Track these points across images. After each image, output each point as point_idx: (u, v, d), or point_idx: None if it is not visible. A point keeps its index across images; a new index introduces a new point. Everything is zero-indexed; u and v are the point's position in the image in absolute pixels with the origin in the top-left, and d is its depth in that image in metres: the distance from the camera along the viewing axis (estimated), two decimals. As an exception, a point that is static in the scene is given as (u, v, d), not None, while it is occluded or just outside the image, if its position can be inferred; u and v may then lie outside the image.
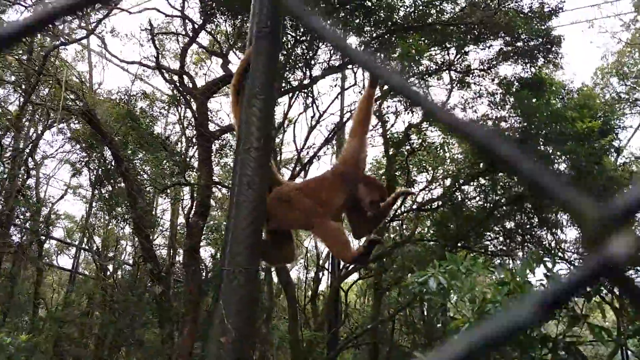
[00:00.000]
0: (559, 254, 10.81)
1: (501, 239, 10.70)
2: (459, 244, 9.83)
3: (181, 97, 8.19)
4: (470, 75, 9.66)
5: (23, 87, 8.72)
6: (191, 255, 7.48)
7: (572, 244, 11.48)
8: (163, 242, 12.98)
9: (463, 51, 9.25)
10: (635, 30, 13.20)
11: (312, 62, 8.33)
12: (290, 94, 9.15)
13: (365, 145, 2.79)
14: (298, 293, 12.88)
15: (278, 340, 12.02)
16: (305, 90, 9.04)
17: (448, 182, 10.49)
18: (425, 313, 12.41)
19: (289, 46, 8.11)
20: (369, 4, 7.89)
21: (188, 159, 9.54)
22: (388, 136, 10.45)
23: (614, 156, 11.05)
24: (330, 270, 12.21)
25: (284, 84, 8.44)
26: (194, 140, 8.45)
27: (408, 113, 9.69)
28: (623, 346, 10.85)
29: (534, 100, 9.16)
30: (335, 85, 9.89)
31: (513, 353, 4.23)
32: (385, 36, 8.35)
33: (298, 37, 7.96)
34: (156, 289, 8.45)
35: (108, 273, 11.94)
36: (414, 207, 10.47)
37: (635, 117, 12.92)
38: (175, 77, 7.95)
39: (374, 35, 8.35)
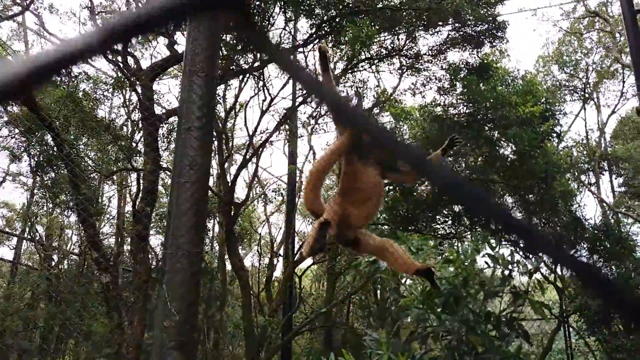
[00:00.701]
0: (504, 235, 11.18)
1: (450, 222, 10.97)
2: (410, 228, 10.01)
3: (125, 79, 7.90)
4: (420, 61, 9.77)
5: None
6: (139, 243, 7.28)
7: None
8: (110, 230, 12.61)
9: (412, 37, 9.34)
10: (574, 20, 13.73)
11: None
12: (241, 77, 9.00)
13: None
14: (252, 280, 12.82)
15: (232, 328, 11.95)
16: (256, 74, 8.91)
17: (399, 166, 10.63)
18: (379, 295, 12.63)
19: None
20: (319, -14, 7.83)
21: (134, 144, 9.25)
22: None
23: (556, 141, 11.50)
24: (284, 256, 12.21)
25: (234, 67, 8.29)
26: (140, 124, 8.19)
27: (359, 97, 9.72)
28: (565, 323, 11.43)
29: (480, 85, 9.39)
30: (286, 69, 9.77)
31: (460, 329, 4.35)
32: (336, 19, 8.31)
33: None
34: (103, 279, 8.20)
35: (53, 263, 11.50)
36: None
37: (575, 104, 13.49)
38: (120, 58, 7.65)
39: (325, 18, 8.29)
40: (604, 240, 10.06)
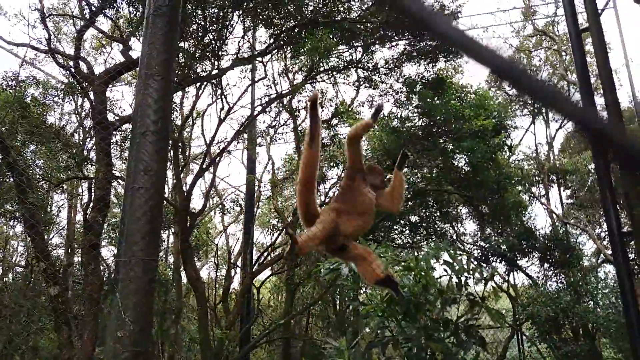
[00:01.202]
0: (459, 245, 11.44)
1: (407, 232, 11.12)
2: (368, 237, 10.08)
3: (78, 85, 7.64)
4: (377, 74, 9.93)
5: None
6: (90, 253, 7.01)
7: (471, 236, 12.19)
8: (60, 241, 12.11)
9: (369, 50, 9.49)
10: (524, 37, 14.30)
11: (221, 52, 8.13)
12: (198, 85, 8.88)
13: (360, 150, 3.20)
14: (208, 292, 12.56)
15: (187, 341, 11.66)
16: (214, 81, 8.82)
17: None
18: (338, 305, 12.62)
19: (197, 35, 7.86)
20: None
21: (86, 151, 8.94)
22: (299, 131, 10.48)
23: (507, 154, 11.89)
24: (242, 268, 12.04)
25: (191, 74, 8.17)
26: (92, 131, 7.93)
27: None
28: (518, 330, 11.74)
29: (435, 99, 9.62)
30: (244, 77, 9.73)
31: (420, 336, 4.38)
32: (295, 30, 8.35)
33: (206, 26, 7.74)
34: (52, 291, 7.84)
35: (-4, 277, 10.93)
36: (326, 201, 10.59)
37: (525, 119, 14.01)
38: (72, 63, 7.40)
39: (284, 28, 8.32)
40: (554, 250, 10.42)
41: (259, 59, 9.22)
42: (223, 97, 9.27)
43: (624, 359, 10.49)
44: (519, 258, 10.97)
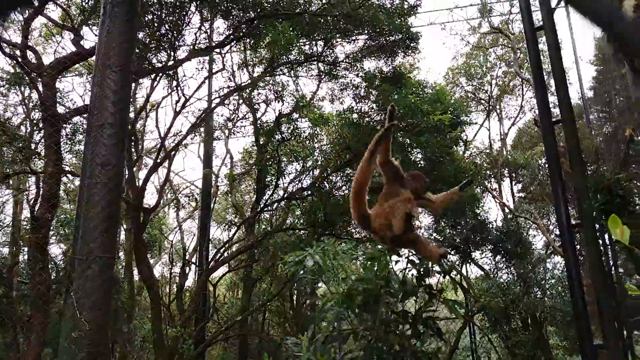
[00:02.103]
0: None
1: (365, 226, 11.20)
2: (327, 232, 10.10)
3: (25, 75, 7.25)
4: (337, 68, 9.93)
5: None
6: (38, 251, 6.69)
7: (426, 229, 12.42)
8: (4, 239, 11.50)
9: (330, 43, 9.47)
10: (481, 35, 14.68)
11: (177, 43, 7.91)
12: (154, 76, 8.61)
13: (395, 163, 3.68)
14: (162, 290, 12.27)
15: (140, 340, 11.35)
16: (170, 73, 8.57)
17: (317, 172, 10.72)
18: (295, 302, 12.60)
19: (153, 25, 7.61)
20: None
21: (33, 145, 8.51)
22: (259, 125, 10.36)
23: (462, 148, 12.18)
24: (197, 265, 11.82)
25: (146, 65, 7.90)
26: (41, 123, 7.55)
27: (278, 102, 9.69)
28: (470, 321, 12.08)
29: (394, 94, 9.72)
30: (202, 69, 9.51)
31: (379, 329, 4.41)
32: (255, 22, 8.22)
33: (162, 16, 7.50)
34: (-5, 292, 7.47)
35: None
36: (285, 196, 10.53)
37: (480, 115, 14.39)
38: (19, 52, 7.01)
39: (243, 20, 8.17)
40: (506, 242, 10.77)
41: (217, 50, 9.03)
42: (179, 89, 9.04)
43: (569, 346, 11.00)
44: (472, 250, 11.28)
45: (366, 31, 9.31)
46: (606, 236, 8.47)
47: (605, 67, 10.85)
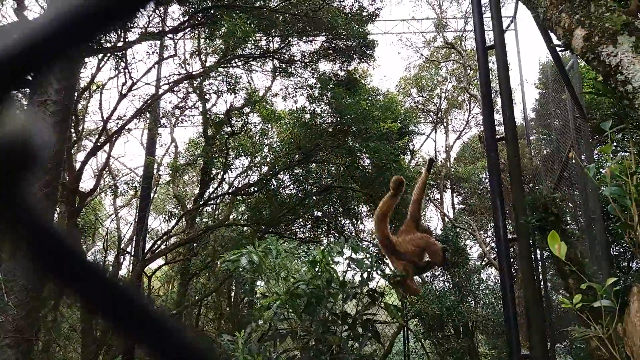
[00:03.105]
0: (357, 242, 11.77)
1: (309, 226, 11.22)
2: (271, 230, 10.03)
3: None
4: (292, 66, 9.89)
5: None
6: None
7: (369, 234, 12.60)
8: None
9: (287, 41, 9.42)
10: (434, 49, 15.07)
11: (129, 24, 7.60)
12: (101, 56, 8.24)
13: (421, 206, 5.00)
14: (94, 278, 11.75)
15: (67, 329, 10.83)
16: (118, 54, 8.23)
17: (265, 169, 10.62)
18: (233, 298, 12.43)
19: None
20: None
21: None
22: (208, 115, 10.14)
23: (409, 157, 12.43)
24: (133, 254, 11.43)
25: (93, 44, 7.55)
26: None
27: (230, 94, 9.52)
28: (405, 326, 12.34)
29: (347, 98, 9.80)
30: (153, 53, 9.18)
31: (318, 329, 4.41)
32: (211, 11, 8.04)
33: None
34: None
35: None
36: (230, 191, 10.36)
37: (428, 126, 14.76)
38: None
39: (199, 7, 7.98)
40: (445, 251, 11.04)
41: (170, 36, 8.76)
42: (127, 71, 8.69)
43: (496, 355, 11.45)
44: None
45: (324, 34, 9.33)
46: (538, 251, 8.89)
47: (547, 91, 11.40)
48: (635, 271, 8.72)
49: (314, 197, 10.40)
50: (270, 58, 9.62)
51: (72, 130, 8.96)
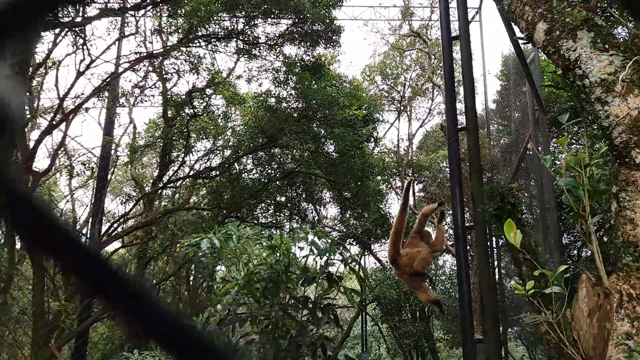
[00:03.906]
0: (319, 227, 11.85)
1: (272, 211, 11.19)
2: (232, 214, 9.94)
3: None
4: (257, 48, 9.74)
5: None
6: None
7: (331, 219, 12.68)
8: None
9: (252, 22, 9.26)
10: (400, 36, 15.13)
11: (89, -2, 7.30)
12: (58, 31, 7.89)
13: (425, 224, 4.95)
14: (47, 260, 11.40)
15: (17, 313, 10.49)
16: (77, 29, 7.90)
17: (228, 152, 10.48)
18: (192, 282, 12.30)
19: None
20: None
21: None
22: (168, 96, 9.89)
23: (372, 145, 12.52)
24: (88, 237, 11.13)
25: (50, 18, 7.22)
26: None
27: (192, 74, 9.31)
28: (363, 310, 12.54)
29: (312, 83, 9.75)
30: (113, 29, 8.85)
31: (278, 313, 4.41)
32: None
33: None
34: None
35: None
36: (191, 174, 10.18)
37: (391, 114, 14.87)
38: None
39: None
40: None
41: (131, 13, 8.47)
42: (85, 48, 8.36)
43: (450, 339, 11.80)
44: (372, 242, 11.67)
45: (290, 16, 9.21)
46: (494, 239, 9.15)
47: (508, 83, 11.66)
48: (585, 259, 9.11)
49: (277, 182, 10.35)
50: (235, 39, 9.44)
51: (27, 108, 8.58)
